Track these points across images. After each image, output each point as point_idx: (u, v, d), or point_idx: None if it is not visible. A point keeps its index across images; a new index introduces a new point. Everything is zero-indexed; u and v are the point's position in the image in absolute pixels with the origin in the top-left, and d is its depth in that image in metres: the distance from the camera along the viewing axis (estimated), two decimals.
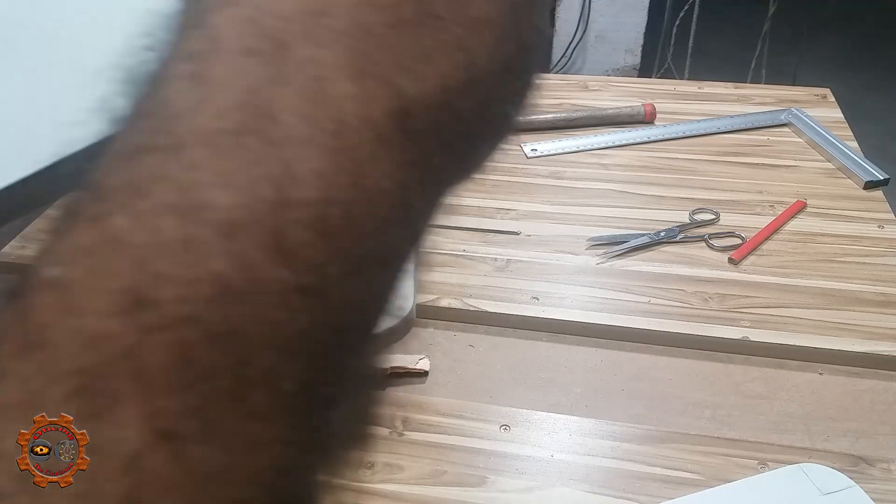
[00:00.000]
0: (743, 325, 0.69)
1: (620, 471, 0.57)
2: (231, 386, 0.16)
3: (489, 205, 0.88)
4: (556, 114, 1.05)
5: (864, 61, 3.10)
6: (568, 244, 0.81)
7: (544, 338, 0.70)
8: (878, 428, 0.60)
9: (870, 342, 0.67)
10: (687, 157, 0.97)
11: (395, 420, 0.61)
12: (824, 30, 3.27)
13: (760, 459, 0.57)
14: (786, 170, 0.94)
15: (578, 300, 0.73)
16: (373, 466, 0.57)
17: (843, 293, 0.73)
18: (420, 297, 0.72)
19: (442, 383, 0.65)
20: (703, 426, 0.60)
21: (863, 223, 0.83)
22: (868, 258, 0.78)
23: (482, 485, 0.56)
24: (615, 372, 0.66)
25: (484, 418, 0.61)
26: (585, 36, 2.44)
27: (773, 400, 0.63)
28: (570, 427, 0.61)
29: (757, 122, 1.04)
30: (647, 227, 0.83)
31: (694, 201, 0.87)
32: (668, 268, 0.77)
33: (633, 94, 1.14)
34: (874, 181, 0.89)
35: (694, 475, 0.56)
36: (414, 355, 0.66)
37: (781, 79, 1.78)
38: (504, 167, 0.96)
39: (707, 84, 1.16)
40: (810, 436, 0.59)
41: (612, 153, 0.99)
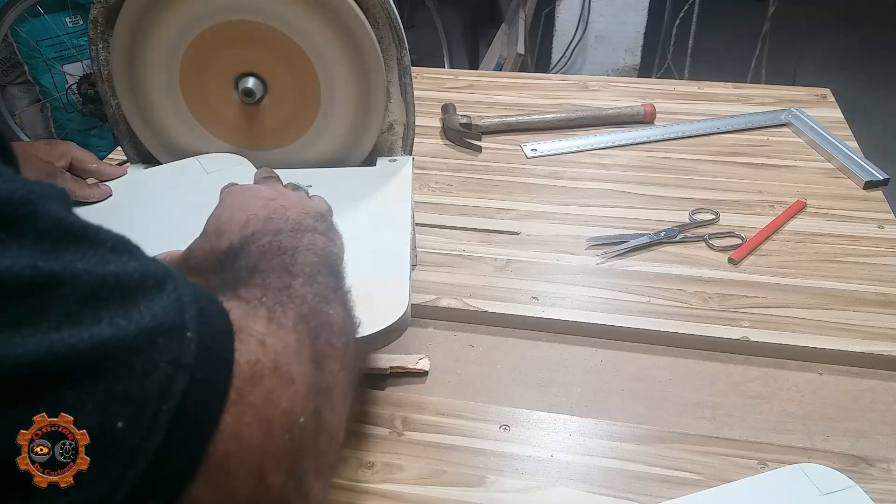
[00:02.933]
0: (743, 325, 0.69)
1: (620, 471, 0.57)
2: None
3: (489, 205, 0.88)
4: (556, 114, 1.05)
5: (864, 61, 3.10)
6: (568, 244, 0.81)
7: (544, 338, 0.70)
8: (878, 428, 0.60)
9: (870, 342, 0.67)
10: (687, 157, 0.97)
11: (395, 420, 0.61)
12: (824, 30, 3.27)
13: (760, 459, 0.57)
14: (786, 170, 0.94)
15: (578, 300, 0.73)
16: (373, 466, 0.57)
17: (843, 293, 0.73)
18: (420, 297, 0.72)
19: (442, 383, 0.65)
20: (703, 426, 0.60)
21: (863, 223, 0.83)
22: (868, 258, 0.78)
23: (482, 485, 0.56)
24: (615, 372, 0.66)
25: (484, 418, 0.61)
26: (585, 36, 2.44)
27: (773, 400, 0.63)
28: (569, 427, 0.60)
29: (757, 122, 1.04)
30: (647, 227, 0.83)
31: (694, 201, 0.87)
32: (668, 268, 0.77)
33: (633, 94, 1.14)
34: (874, 181, 0.89)
35: (694, 475, 0.56)
36: (414, 355, 0.66)
37: (781, 79, 1.78)
38: (504, 167, 0.96)
39: (707, 84, 1.16)
40: (810, 436, 0.59)
41: (612, 153, 0.99)
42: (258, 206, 0.52)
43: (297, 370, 0.36)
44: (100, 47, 0.69)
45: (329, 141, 0.72)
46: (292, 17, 0.65)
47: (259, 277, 0.43)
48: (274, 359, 0.35)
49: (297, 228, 0.49)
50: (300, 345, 0.38)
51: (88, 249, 0.30)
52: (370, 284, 0.56)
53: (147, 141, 0.74)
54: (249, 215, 0.51)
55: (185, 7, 0.66)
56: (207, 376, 0.32)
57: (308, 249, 0.47)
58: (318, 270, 0.45)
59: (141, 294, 0.31)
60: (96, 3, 0.67)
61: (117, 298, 0.30)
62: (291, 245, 0.47)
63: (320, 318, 0.41)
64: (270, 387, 0.34)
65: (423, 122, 1.05)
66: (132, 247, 0.34)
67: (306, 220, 0.51)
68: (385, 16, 0.66)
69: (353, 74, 0.68)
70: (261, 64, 0.68)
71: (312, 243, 0.48)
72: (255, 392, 0.33)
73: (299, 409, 0.35)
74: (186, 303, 0.33)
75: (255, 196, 0.54)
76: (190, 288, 0.34)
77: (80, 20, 2.15)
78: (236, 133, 0.72)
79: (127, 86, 0.71)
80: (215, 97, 0.70)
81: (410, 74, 0.70)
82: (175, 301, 0.32)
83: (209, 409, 0.32)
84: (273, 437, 0.34)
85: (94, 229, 0.32)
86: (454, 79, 1.21)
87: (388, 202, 0.66)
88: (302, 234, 0.49)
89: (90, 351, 0.28)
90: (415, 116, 0.73)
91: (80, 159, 0.70)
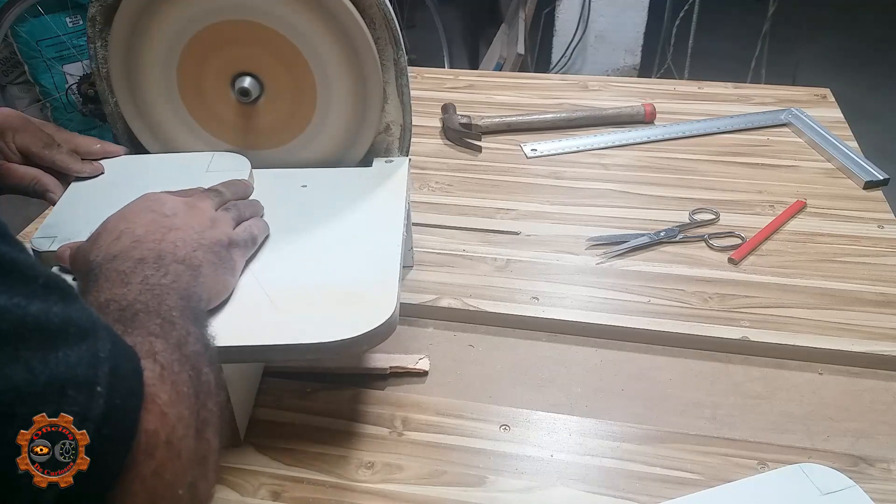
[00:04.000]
0: (743, 325, 0.69)
1: (620, 471, 0.57)
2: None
3: (489, 205, 0.88)
4: (556, 114, 1.05)
5: (864, 61, 3.10)
6: (568, 244, 0.81)
7: (544, 338, 0.70)
8: (878, 428, 0.60)
9: (870, 342, 0.67)
10: (687, 157, 0.97)
11: (395, 420, 0.61)
12: (824, 30, 3.27)
13: (760, 459, 0.57)
14: (786, 170, 0.94)
15: (578, 300, 0.73)
16: (373, 466, 0.57)
17: (842, 293, 0.73)
18: (420, 297, 0.72)
19: (442, 383, 0.65)
20: (703, 426, 0.60)
21: (862, 223, 0.83)
22: (868, 258, 0.78)
23: (482, 485, 0.56)
24: (615, 372, 0.66)
25: (484, 418, 0.61)
26: (585, 36, 2.44)
27: (773, 400, 0.63)
28: (569, 427, 0.60)
29: (757, 122, 1.04)
30: (647, 227, 0.83)
31: (694, 201, 0.87)
32: (668, 268, 0.77)
33: (633, 94, 1.14)
34: (874, 181, 0.89)
35: (694, 475, 0.56)
36: (414, 355, 0.66)
37: (781, 79, 1.78)
38: (504, 167, 0.96)
39: (707, 84, 1.16)
40: (810, 436, 0.59)
41: (612, 153, 0.99)
42: (144, 221, 0.50)
43: (186, 443, 0.36)
44: (98, 45, 0.69)
45: (325, 141, 0.72)
46: (289, 18, 0.65)
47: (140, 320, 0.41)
48: (170, 431, 0.35)
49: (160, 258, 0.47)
50: (190, 416, 0.37)
51: (16, 284, 0.30)
52: (360, 285, 0.56)
53: (144, 139, 0.74)
54: (124, 230, 0.49)
55: (183, 6, 0.66)
56: (113, 432, 0.32)
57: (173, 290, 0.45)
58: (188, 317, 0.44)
59: (61, 339, 0.31)
60: (94, 2, 0.67)
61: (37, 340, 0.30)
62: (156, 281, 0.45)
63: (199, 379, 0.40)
64: (161, 459, 0.34)
65: (423, 122, 1.05)
66: (66, 288, 0.33)
67: (183, 249, 0.49)
68: (381, 16, 0.66)
69: (349, 75, 0.68)
70: (257, 64, 0.68)
71: (176, 280, 0.46)
72: (147, 463, 0.34)
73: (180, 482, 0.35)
74: (101, 358, 0.32)
75: (149, 209, 0.52)
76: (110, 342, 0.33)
77: (80, 20, 2.15)
78: (233, 132, 0.72)
79: (125, 84, 0.71)
80: (212, 96, 0.70)
81: (407, 75, 0.70)
82: (91, 355, 0.32)
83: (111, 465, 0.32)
84: None
85: (27, 263, 0.31)
86: (454, 79, 1.21)
87: (382, 203, 0.66)
88: (167, 265, 0.47)
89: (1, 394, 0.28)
90: (412, 117, 0.73)
91: (84, 143, 0.69)
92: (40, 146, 0.65)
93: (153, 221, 0.50)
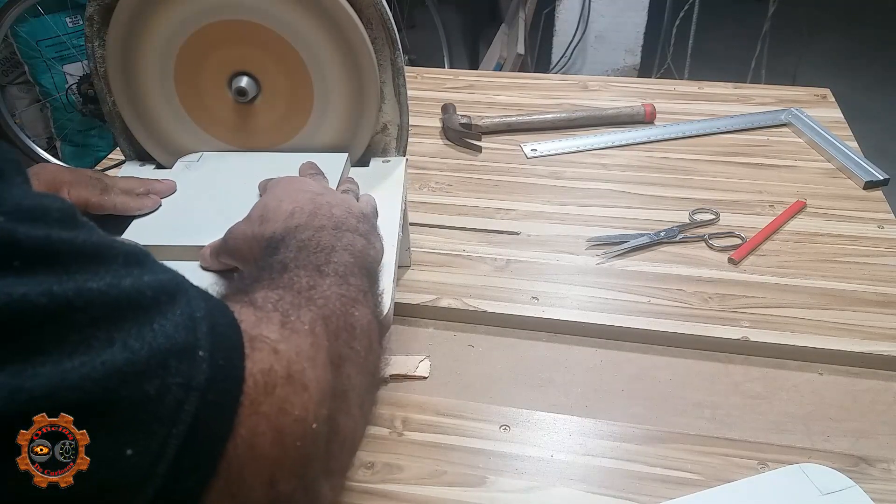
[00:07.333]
0: (743, 325, 0.69)
1: (620, 471, 0.57)
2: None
3: (489, 205, 0.88)
4: (556, 114, 1.05)
5: (864, 61, 3.10)
6: (568, 244, 0.81)
7: (544, 338, 0.70)
8: (878, 428, 0.60)
9: (870, 342, 0.67)
10: (687, 157, 0.97)
11: (395, 420, 0.61)
12: (824, 30, 3.27)
13: (760, 459, 0.57)
14: (786, 170, 0.94)
15: (578, 300, 0.73)
16: (373, 466, 0.57)
17: (842, 293, 0.73)
18: (420, 296, 0.72)
19: (442, 383, 0.65)
20: (703, 426, 0.60)
21: (862, 223, 0.83)
22: (868, 258, 0.78)
23: (482, 485, 0.56)
24: (615, 372, 0.66)
25: (484, 418, 0.61)
26: (585, 36, 2.44)
27: (773, 400, 0.63)
28: (569, 427, 0.60)
29: (757, 122, 1.04)
30: (647, 227, 0.83)
31: (694, 201, 0.87)
32: (668, 268, 0.77)
33: (633, 94, 1.14)
34: (874, 181, 0.89)
35: (694, 475, 0.56)
36: (414, 357, 0.66)
37: (781, 79, 1.78)
38: (504, 167, 0.96)
39: (707, 84, 1.16)
40: (810, 436, 0.59)
41: (612, 153, 0.99)
42: (304, 200, 0.52)
43: (311, 375, 0.36)
44: (96, 45, 0.69)
45: (322, 141, 0.72)
46: (285, 17, 0.65)
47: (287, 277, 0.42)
48: (287, 366, 0.35)
49: (338, 227, 0.50)
50: (315, 349, 0.37)
51: (101, 267, 0.30)
52: None
53: (142, 138, 0.74)
54: (295, 207, 0.51)
55: (180, 5, 0.66)
56: (218, 397, 0.31)
57: (346, 249, 0.47)
58: (351, 272, 0.45)
59: (154, 310, 0.30)
60: (92, 1, 0.67)
61: (130, 318, 0.29)
62: (330, 244, 0.47)
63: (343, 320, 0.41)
64: (283, 395, 0.34)
65: (424, 122, 1.05)
66: (144, 257, 0.33)
67: (349, 220, 0.51)
68: (378, 17, 0.66)
69: (346, 75, 0.68)
70: (254, 63, 0.68)
71: (351, 244, 0.48)
72: (269, 401, 0.33)
73: (311, 415, 0.35)
74: (198, 318, 0.32)
75: (302, 189, 0.55)
76: (201, 299, 0.33)
77: (80, 20, 2.15)
78: (230, 131, 0.73)
79: (122, 84, 0.71)
80: (209, 95, 0.70)
81: (404, 75, 0.70)
82: (187, 318, 0.31)
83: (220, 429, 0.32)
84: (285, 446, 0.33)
85: (105, 245, 0.31)
86: (454, 79, 1.21)
87: (378, 202, 0.66)
88: (343, 233, 0.49)
89: (103, 380, 0.28)
90: (409, 117, 0.73)
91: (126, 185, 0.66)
92: (98, 193, 0.62)
93: (312, 199, 0.53)
